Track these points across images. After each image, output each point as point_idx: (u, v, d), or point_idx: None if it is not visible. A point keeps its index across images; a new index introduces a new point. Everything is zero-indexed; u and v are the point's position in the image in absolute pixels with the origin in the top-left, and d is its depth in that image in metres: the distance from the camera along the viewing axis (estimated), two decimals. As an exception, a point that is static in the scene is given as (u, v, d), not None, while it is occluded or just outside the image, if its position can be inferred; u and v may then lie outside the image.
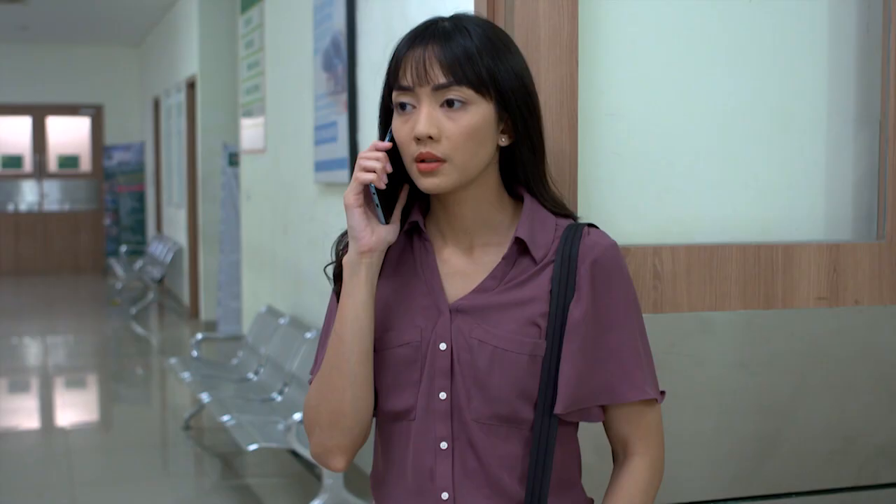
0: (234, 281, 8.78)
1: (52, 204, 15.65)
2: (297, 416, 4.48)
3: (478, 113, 1.48)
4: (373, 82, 4.79)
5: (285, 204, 6.56)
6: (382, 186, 1.51)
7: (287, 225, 6.49)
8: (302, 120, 6.07)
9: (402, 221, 1.60)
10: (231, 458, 5.78)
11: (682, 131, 1.96)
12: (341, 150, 5.20)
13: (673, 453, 1.70)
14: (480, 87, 1.47)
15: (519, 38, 1.79)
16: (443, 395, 1.54)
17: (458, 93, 1.47)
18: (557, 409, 1.51)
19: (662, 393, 1.61)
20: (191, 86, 10.53)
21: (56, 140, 15.68)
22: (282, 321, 6.13)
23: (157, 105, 13.59)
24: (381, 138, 1.56)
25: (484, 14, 1.87)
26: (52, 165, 15.68)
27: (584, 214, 1.88)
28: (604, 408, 1.58)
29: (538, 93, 1.78)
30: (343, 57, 5.16)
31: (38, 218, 15.57)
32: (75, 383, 8.37)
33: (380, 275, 1.58)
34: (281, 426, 4.91)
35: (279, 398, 5.61)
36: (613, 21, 1.90)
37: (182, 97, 11.02)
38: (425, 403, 1.55)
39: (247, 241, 7.88)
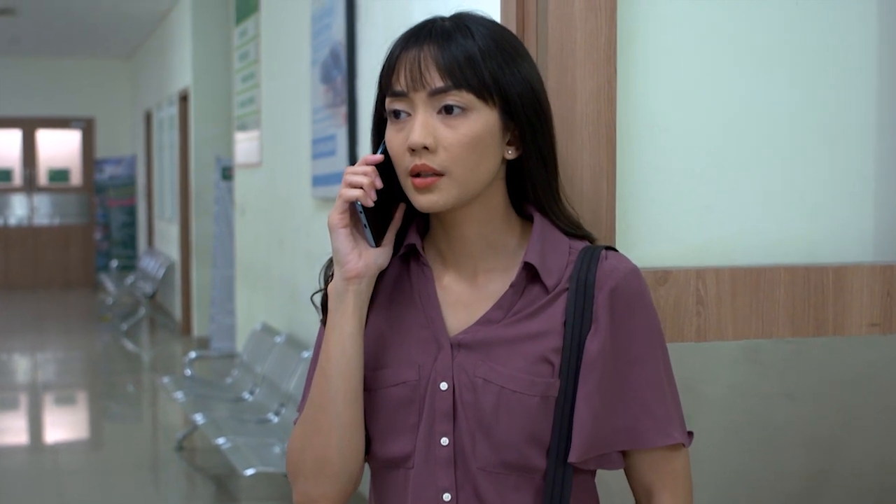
0: (227, 297, 8.65)
1: (43, 218, 15.51)
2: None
3: (479, 120, 1.32)
4: (374, 93, 4.66)
5: (281, 219, 6.44)
6: (370, 204, 1.34)
7: (283, 240, 6.37)
8: (298, 133, 5.95)
9: (398, 244, 1.43)
10: (225, 480, 5.64)
11: (726, 145, 1.82)
12: (340, 163, 5.08)
13: (713, 492, 1.56)
14: (482, 92, 1.32)
15: (553, 43, 1.65)
16: (445, 441, 1.37)
17: (457, 98, 1.31)
18: (572, 458, 1.34)
19: (690, 434, 1.44)
20: (183, 98, 10.42)
21: (46, 153, 15.55)
22: (278, 339, 5.99)
23: (148, 118, 13.48)
24: (374, 151, 1.41)
25: (513, 16, 1.73)
26: (43, 179, 15.55)
27: (622, 233, 1.74)
28: (624, 453, 1.42)
29: (573, 101, 1.65)
30: (342, 68, 5.05)
31: (27, 232, 15.42)
32: (65, 401, 8.22)
33: (371, 304, 1.42)
34: (277, 449, 4.78)
35: (275, 419, 5.46)
36: (653, 26, 1.76)
37: (175, 110, 10.91)
38: (425, 450, 1.38)
39: (241, 257, 7.76)
